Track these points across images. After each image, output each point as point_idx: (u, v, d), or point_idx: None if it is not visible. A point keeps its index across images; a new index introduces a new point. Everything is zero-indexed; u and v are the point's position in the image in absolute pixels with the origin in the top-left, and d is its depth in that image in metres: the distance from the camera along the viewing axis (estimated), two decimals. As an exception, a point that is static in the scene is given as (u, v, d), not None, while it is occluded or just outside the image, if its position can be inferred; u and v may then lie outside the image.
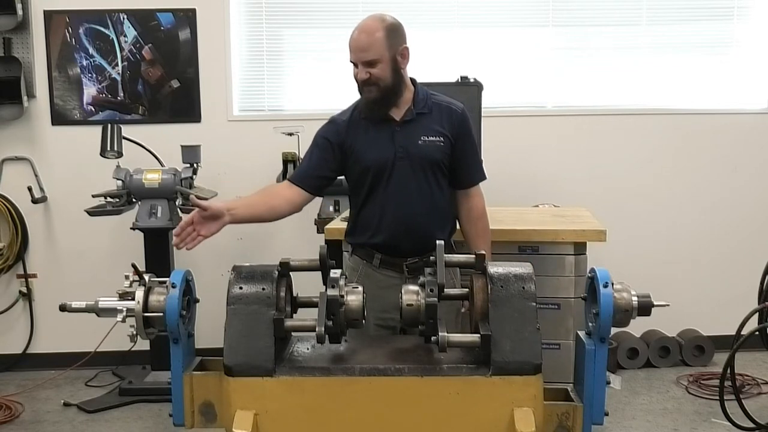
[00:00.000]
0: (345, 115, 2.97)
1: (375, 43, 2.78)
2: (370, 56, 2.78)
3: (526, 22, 4.82)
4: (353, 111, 2.96)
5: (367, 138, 2.89)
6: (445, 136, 2.88)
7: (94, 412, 4.15)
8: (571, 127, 4.82)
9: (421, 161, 2.86)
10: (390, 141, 2.86)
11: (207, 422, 2.37)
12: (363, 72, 2.80)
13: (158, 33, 4.70)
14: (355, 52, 2.81)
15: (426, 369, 2.21)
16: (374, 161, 2.87)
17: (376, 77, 2.79)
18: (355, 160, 2.90)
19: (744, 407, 3.62)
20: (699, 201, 4.86)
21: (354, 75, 2.86)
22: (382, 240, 2.90)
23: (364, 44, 2.79)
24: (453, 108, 2.93)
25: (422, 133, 2.86)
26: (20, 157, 4.75)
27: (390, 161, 2.85)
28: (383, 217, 2.88)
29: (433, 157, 2.86)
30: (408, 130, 2.87)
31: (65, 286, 4.68)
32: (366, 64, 2.79)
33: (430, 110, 2.90)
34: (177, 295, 2.24)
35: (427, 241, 2.73)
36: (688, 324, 4.81)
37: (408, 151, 2.85)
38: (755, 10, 4.82)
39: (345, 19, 4.77)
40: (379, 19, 2.82)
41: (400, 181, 2.86)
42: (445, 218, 2.95)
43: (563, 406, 2.31)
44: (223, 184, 4.64)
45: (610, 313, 2.24)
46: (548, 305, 3.35)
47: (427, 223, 2.87)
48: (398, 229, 2.87)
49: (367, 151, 2.88)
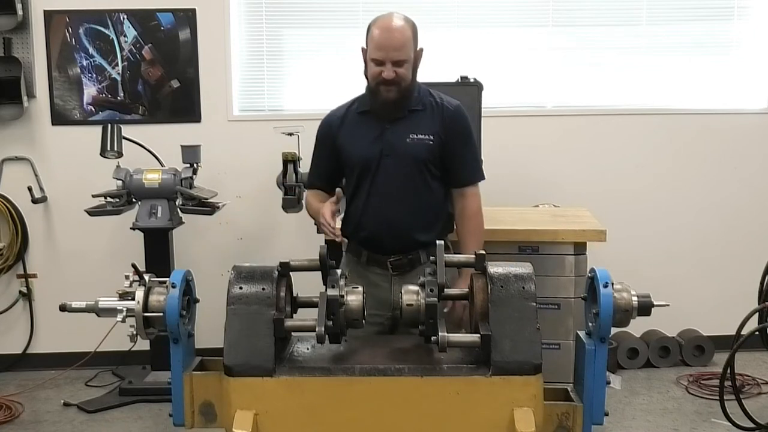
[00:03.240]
0: (341, 110, 3.00)
1: (407, 43, 2.79)
2: (402, 56, 2.78)
3: (526, 22, 4.81)
4: (350, 106, 2.98)
5: (357, 134, 2.91)
6: (435, 134, 2.87)
7: (94, 412, 4.15)
8: (571, 127, 4.82)
9: (407, 159, 2.86)
10: (378, 138, 2.87)
11: (207, 422, 2.37)
12: (390, 71, 2.78)
13: (158, 33, 4.70)
14: (387, 51, 2.78)
15: (426, 369, 2.21)
16: (360, 157, 2.89)
17: (401, 77, 2.79)
18: (345, 156, 2.94)
19: (744, 407, 3.62)
20: (699, 201, 4.86)
21: (373, 73, 2.82)
22: (365, 236, 2.93)
23: (398, 43, 2.77)
24: (445, 105, 2.92)
25: (411, 131, 2.86)
26: (20, 157, 4.74)
27: (376, 158, 2.86)
28: (365, 214, 2.90)
29: (419, 155, 2.86)
30: (398, 127, 2.87)
31: (65, 286, 4.68)
32: (395, 63, 2.78)
33: (424, 108, 2.90)
34: (177, 295, 2.24)
35: (408, 239, 2.81)
36: (688, 324, 4.81)
37: (395, 148, 2.86)
38: (755, 10, 4.82)
39: (345, 19, 4.78)
40: (404, 19, 2.84)
41: (385, 178, 2.87)
42: (433, 218, 2.93)
43: (563, 406, 2.31)
44: (223, 184, 4.64)
45: (610, 313, 2.24)
46: (548, 305, 3.35)
47: (409, 222, 2.86)
48: (380, 226, 2.88)
49: (354, 147, 2.91)
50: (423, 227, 2.88)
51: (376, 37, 2.79)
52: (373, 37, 2.80)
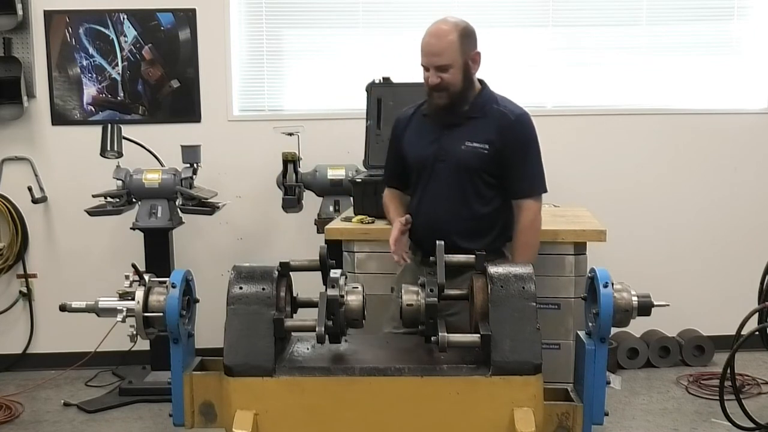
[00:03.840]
0: (410, 110, 3.02)
1: (449, 48, 2.77)
2: (443, 61, 2.77)
3: (526, 22, 4.81)
4: (418, 107, 2.99)
5: (418, 135, 2.93)
6: (491, 143, 2.83)
7: (94, 412, 4.15)
8: (570, 127, 4.82)
9: (459, 166, 2.85)
10: (434, 142, 2.88)
11: (207, 422, 2.37)
12: (434, 76, 2.78)
13: (158, 33, 4.70)
14: (428, 56, 2.79)
15: (426, 369, 2.21)
16: (416, 159, 2.92)
17: (447, 82, 2.78)
18: (405, 155, 2.97)
19: (744, 407, 3.62)
20: (699, 201, 4.86)
21: (424, 79, 2.83)
22: (415, 238, 2.94)
23: (437, 48, 2.77)
24: (506, 114, 2.87)
25: (468, 138, 2.84)
26: (20, 157, 4.75)
27: (430, 162, 2.88)
28: (417, 215, 2.93)
29: (471, 163, 2.84)
30: (455, 133, 2.86)
31: (65, 286, 4.68)
32: (438, 69, 2.77)
33: (485, 115, 2.86)
34: (177, 295, 2.24)
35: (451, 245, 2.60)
36: (688, 324, 4.81)
37: (449, 154, 2.86)
38: (755, 10, 4.82)
39: (345, 19, 4.79)
40: (452, 23, 2.81)
41: (436, 182, 2.88)
42: (480, 227, 2.88)
43: (563, 406, 2.31)
44: (223, 184, 4.64)
45: (610, 313, 2.24)
46: (548, 305, 3.34)
47: (453, 228, 2.82)
48: (426, 230, 2.88)
49: (412, 148, 2.94)
50: (468, 235, 2.83)
51: (422, 42, 2.82)
52: (421, 43, 2.82)
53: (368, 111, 3.91)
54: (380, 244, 3.44)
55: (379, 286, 3.30)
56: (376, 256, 3.45)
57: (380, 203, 3.37)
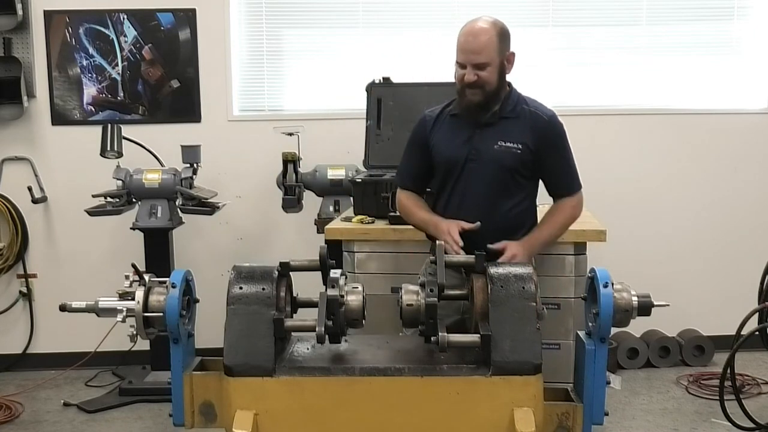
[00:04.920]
0: (436, 110, 3.01)
1: (487, 46, 2.80)
2: (482, 59, 2.79)
3: (526, 22, 4.80)
4: (445, 107, 2.99)
5: (447, 135, 2.93)
6: (524, 143, 2.86)
7: (94, 412, 4.15)
8: (570, 127, 4.73)
9: (492, 166, 2.86)
10: (466, 142, 2.89)
11: (207, 422, 2.37)
12: (471, 74, 2.80)
13: (158, 33, 4.70)
14: (467, 54, 2.81)
15: (426, 369, 2.21)
16: (447, 158, 2.91)
17: (484, 80, 2.81)
18: (434, 155, 2.96)
19: (744, 407, 3.62)
20: (699, 201, 4.85)
21: (458, 76, 2.85)
22: None
23: (476, 46, 2.79)
24: (539, 115, 2.92)
25: (501, 138, 2.86)
26: (20, 157, 4.75)
27: (461, 161, 2.88)
28: (445, 215, 2.91)
29: (505, 163, 2.86)
30: (487, 133, 2.87)
31: (65, 286, 4.68)
32: (476, 67, 2.80)
33: (517, 116, 2.90)
34: (177, 295, 2.24)
35: (481, 245, 2.63)
36: (688, 324, 4.81)
37: (481, 154, 2.86)
38: (755, 10, 4.82)
39: (345, 19, 4.79)
40: (491, 22, 2.85)
41: (467, 182, 2.88)
42: (511, 226, 2.89)
43: (563, 406, 2.31)
44: (223, 184, 4.63)
45: (610, 313, 2.24)
46: (548, 305, 3.32)
47: (483, 227, 2.80)
48: None
49: (443, 148, 2.93)
50: (498, 235, 2.82)
51: (460, 40, 2.83)
52: (458, 40, 2.84)
53: (368, 111, 3.91)
54: (380, 244, 3.44)
55: (379, 286, 3.31)
56: (376, 256, 3.45)
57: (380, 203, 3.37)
